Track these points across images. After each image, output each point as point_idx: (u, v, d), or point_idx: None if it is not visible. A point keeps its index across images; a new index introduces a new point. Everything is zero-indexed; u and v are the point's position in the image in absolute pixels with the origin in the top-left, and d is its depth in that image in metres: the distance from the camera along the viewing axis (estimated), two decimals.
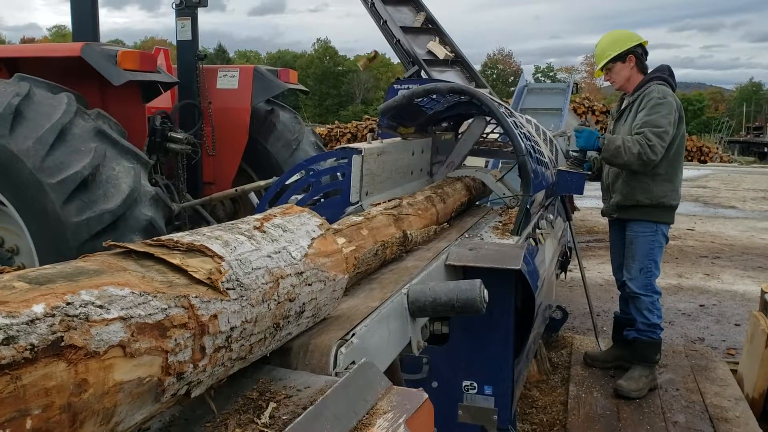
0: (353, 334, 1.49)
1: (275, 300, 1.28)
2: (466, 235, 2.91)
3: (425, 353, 1.95)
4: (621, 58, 4.18)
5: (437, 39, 8.93)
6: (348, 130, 17.81)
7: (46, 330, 0.79)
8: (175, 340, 0.98)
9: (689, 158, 17.03)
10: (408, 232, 2.44)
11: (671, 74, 4.19)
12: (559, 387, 4.28)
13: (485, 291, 1.74)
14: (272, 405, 1.20)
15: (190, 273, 1.08)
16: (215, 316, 1.08)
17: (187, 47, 5.55)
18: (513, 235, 2.91)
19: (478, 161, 4.70)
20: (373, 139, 3.26)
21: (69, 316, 0.82)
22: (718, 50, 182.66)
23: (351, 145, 3.00)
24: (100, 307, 0.87)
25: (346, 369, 1.38)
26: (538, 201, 3.59)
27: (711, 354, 4.81)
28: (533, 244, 2.96)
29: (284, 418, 1.16)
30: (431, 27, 9.10)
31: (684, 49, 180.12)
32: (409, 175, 3.61)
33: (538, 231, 3.18)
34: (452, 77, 8.11)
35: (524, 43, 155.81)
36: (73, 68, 4.60)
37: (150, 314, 0.94)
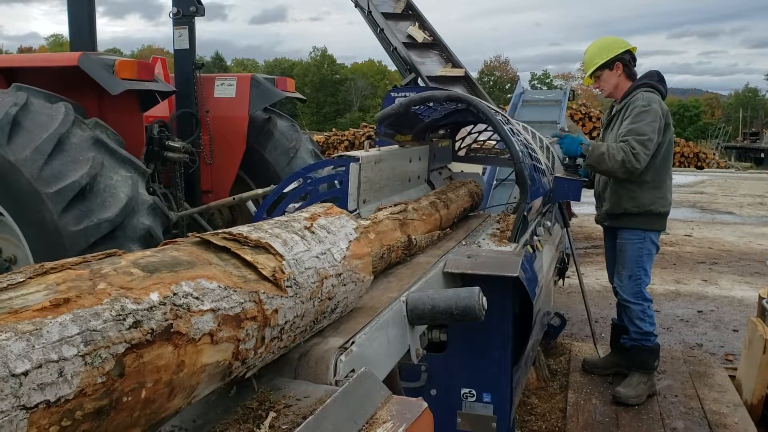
0: (353, 342, 1.49)
1: (319, 298, 1.39)
2: (464, 243, 2.92)
3: (424, 361, 1.95)
4: (608, 65, 4.14)
5: (417, 24, 9.22)
6: (345, 138, 17.80)
7: (161, 317, 0.92)
8: (246, 330, 1.12)
9: (686, 164, 17.06)
10: (413, 237, 2.46)
11: (661, 80, 4.15)
12: (557, 394, 4.27)
13: (484, 298, 1.75)
14: (272, 415, 1.20)
15: (260, 270, 1.21)
16: (276, 311, 1.21)
17: (185, 56, 5.57)
18: (511, 242, 2.92)
19: (475, 168, 4.71)
20: (371, 146, 3.27)
21: (176, 305, 0.96)
22: (717, 56, 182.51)
23: (348, 153, 3.00)
24: (197, 298, 1.01)
25: (345, 377, 1.38)
26: (536, 208, 3.59)
27: (709, 360, 4.81)
28: (531, 251, 2.96)
29: (284, 428, 1.16)
30: (411, 13, 9.40)
31: (682, 55, 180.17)
32: (407, 182, 3.62)
33: (535, 238, 3.18)
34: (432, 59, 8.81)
35: (524, 50, 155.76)
36: (70, 78, 4.61)
37: (231, 307, 1.08)
